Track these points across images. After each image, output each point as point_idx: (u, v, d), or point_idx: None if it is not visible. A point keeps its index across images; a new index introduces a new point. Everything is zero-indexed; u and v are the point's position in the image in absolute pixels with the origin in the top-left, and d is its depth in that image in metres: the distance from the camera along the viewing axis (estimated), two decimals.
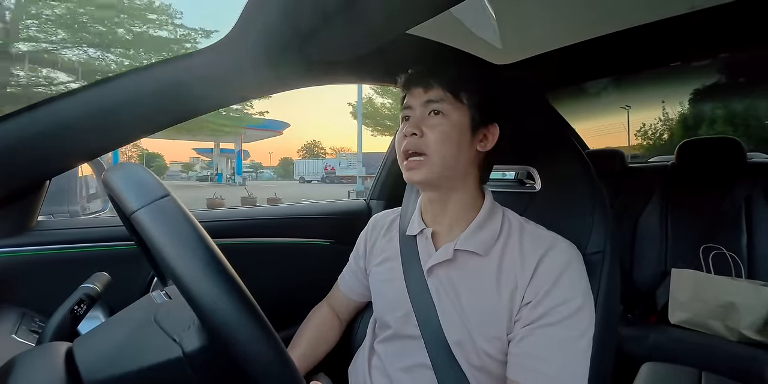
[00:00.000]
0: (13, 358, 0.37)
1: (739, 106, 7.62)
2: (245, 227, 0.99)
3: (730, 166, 1.50)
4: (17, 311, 0.62)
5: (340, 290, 0.82)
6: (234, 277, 0.31)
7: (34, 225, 0.72)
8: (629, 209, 1.64)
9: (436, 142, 0.58)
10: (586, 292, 0.56)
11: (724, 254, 1.36)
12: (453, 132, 0.59)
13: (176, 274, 0.29)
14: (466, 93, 0.60)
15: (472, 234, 0.61)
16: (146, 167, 0.37)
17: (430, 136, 0.59)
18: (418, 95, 0.62)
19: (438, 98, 0.60)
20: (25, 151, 0.61)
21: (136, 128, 0.69)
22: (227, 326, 0.29)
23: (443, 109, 0.60)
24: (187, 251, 0.30)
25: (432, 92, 0.60)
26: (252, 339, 0.29)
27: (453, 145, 0.59)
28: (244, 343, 0.29)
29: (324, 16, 0.62)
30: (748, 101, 6.68)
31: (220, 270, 0.30)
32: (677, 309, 1.30)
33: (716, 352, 1.15)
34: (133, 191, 0.33)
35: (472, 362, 0.58)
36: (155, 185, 0.33)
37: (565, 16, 0.85)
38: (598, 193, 0.68)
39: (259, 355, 0.29)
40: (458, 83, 0.60)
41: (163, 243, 0.30)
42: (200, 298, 0.29)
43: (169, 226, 0.31)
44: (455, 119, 0.60)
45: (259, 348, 0.29)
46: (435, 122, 0.59)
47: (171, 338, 0.36)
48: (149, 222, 0.31)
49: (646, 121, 10.43)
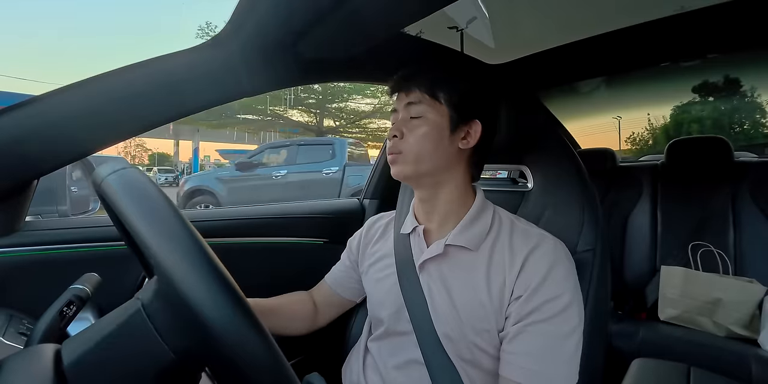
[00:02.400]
0: (0, 361, 0.37)
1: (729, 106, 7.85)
2: (239, 227, 0.99)
3: (718, 165, 1.53)
4: (5, 313, 0.61)
5: (327, 283, 0.82)
6: (194, 233, 0.30)
7: (23, 226, 0.71)
8: (619, 207, 1.66)
9: (412, 143, 0.61)
10: (575, 289, 0.57)
11: (712, 251, 1.38)
12: (431, 131, 0.61)
13: (135, 228, 0.30)
14: (443, 93, 0.62)
15: (463, 229, 0.62)
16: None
17: (409, 137, 0.62)
18: (400, 99, 0.65)
19: (417, 100, 0.63)
20: (12, 149, 0.60)
21: (126, 127, 0.68)
22: (186, 284, 0.27)
23: (421, 112, 0.62)
24: (151, 211, 0.31)
25: (412, 95, 0.63)
26: (220, 305, 0.27)
27: (429, 143, 0.61)
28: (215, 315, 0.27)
29: (317, 14, 0.61)
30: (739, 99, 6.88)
31: (177, 222, 0.30)
32: (666, 305, 1.32)
33: (705, 348, 1.17)
34: (107, 167, 0.35)
35: (463, 356, 0.59)
36: (126, 163, 0.34)
37: (557, 17, 0.86)
38: (589, 192, 0.69)
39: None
40: (436, 84, 0.62)
41: (127, 203, 0.31)
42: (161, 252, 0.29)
43: (133, 189, 0.32)
44: (433, 119, 0.62)
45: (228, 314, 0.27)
46: (415, 124, 0.62)
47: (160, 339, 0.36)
48: (115, 186, 0.33)
49: (639, 121, 10.65)
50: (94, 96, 0.63)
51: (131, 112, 0.67)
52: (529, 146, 0.76)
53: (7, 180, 0.63)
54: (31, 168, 0.64)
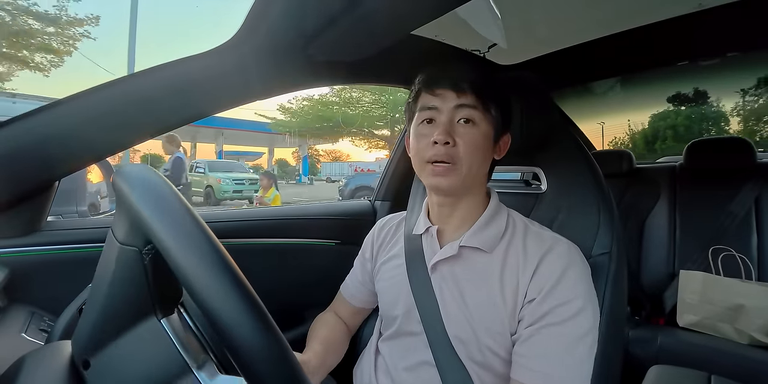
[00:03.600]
0: (22, 357, 0.38)
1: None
2: (251, 228, 1.00)
3: (740, 166, 1.48)
4: (27, 310, 0.63)
5: (344, 298, 0.81)
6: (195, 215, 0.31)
7: (44, 225, 0.73)
8: (636, 210, 1.62)
9: (466, 153, 0.57)
10: (588, 293, 0.56)
11: (734, 256, 1.34)
12: (482, 142, 0.59)
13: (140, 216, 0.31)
14: (494, 103, 0.60)
15: (478, 231, 0.62)
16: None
17: (462, 145, 0.57)
18: (447, 98, 0.59)
19: (471, 104, 0.58)
20: (35, 152, 0.62)
21: (144, 129, 0.70)
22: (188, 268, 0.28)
23: (474, 118, 0.58)
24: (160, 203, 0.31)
25: (465, 97, 0.58)
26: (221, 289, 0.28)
27: (480, 155, 0.59)
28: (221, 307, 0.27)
29: (329, 17, 0.62)
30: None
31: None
32: (686, 311, 1.28)
33: (726, 356, 1.13)
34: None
35: (475, 359, 0.58)
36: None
37: (570, 16, 0.84)
38: (604, 194, 0.68)
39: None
40: (490, 93, 0.60)
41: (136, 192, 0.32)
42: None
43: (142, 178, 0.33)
44: (484, 129, 0.59)
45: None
46: (466, 131, 0.58)
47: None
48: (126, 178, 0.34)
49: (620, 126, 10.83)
50: (113, 99, 0.64)
51: (148, 115, 0.69)
52: (542, 148, 0.75)
53: (29, 181, 0.65)
54: (52, 170, 0.66)
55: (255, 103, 0.86)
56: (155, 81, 0.67)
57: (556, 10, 0.81)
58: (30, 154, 0.62)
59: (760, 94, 6.29)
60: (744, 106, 8.14)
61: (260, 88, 0.80)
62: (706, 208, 1.47)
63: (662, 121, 9.01)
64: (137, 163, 8.88)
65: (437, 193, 0.64)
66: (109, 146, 0.69)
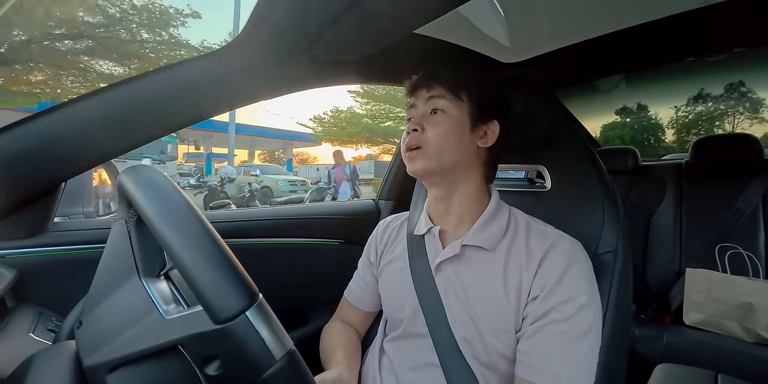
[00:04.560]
0: (30, 357, 0.38)
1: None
2: (255, 228, 1.00)
3: (747, 163, 1.46)
4: (35, 310, 0.63)
5: (350, 303, 0.80)
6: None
7: (51, 226, 0.73)
8: (642, 207, 1.61)
9: (434, 136, 0.61)
10: (592, 291, 0.56)
11: (741, 253, 1.33)
12: (453, 127, 0.61)
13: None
14: (466, 91, 0.62)
15: (480, 230, 0.62)
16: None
17: (430, 131, 0.61)
18: (421, 95, 0.65)
19: (439, 94, 0.62)
20: (41, 154, 0.62)
21: (149, 130, 0.70)
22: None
23: (443, 107, 0.62)
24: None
25: (434, 90, 0.63)
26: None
27: (451, 138, 0.61)
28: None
29: (331, 16, 0.62)
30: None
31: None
32: (692, 309, 1.27)
33: (733, 354, 1.13)
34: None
35: (481, 359, 0.58)
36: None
37: (574, 13, 0.84)
38: (609, 192, 0.67)
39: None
40: (459, 82, 0.63)
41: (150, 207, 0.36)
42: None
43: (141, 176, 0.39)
44: (455, 115, 0.62)
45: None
46: (436, 119, 0.62)
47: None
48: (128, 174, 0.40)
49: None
50: (118, 101, 0.65)
51: (153, 116, 0.69)
52: (546, 145, 0.75)
53: (35, 183, 0.66)
54: (58, 171, 0.67)
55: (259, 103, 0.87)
56: (161, 82, 0.67)
57: (561, 6, 0.81)
58: (36, 156, 0.62)
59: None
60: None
61: (265, 88, 0.80)
62: (713, 206, 1.46)
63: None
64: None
65: (421, 179, 0.68)
66: (115, 147, 0.69)
